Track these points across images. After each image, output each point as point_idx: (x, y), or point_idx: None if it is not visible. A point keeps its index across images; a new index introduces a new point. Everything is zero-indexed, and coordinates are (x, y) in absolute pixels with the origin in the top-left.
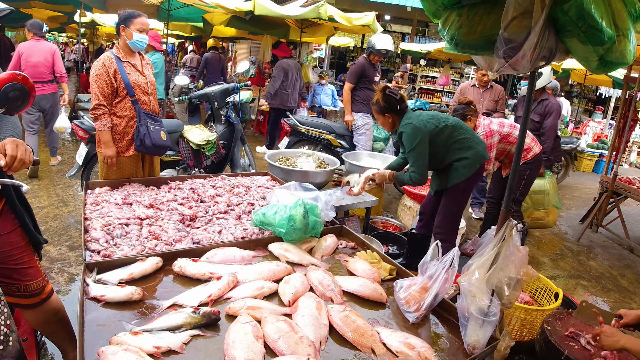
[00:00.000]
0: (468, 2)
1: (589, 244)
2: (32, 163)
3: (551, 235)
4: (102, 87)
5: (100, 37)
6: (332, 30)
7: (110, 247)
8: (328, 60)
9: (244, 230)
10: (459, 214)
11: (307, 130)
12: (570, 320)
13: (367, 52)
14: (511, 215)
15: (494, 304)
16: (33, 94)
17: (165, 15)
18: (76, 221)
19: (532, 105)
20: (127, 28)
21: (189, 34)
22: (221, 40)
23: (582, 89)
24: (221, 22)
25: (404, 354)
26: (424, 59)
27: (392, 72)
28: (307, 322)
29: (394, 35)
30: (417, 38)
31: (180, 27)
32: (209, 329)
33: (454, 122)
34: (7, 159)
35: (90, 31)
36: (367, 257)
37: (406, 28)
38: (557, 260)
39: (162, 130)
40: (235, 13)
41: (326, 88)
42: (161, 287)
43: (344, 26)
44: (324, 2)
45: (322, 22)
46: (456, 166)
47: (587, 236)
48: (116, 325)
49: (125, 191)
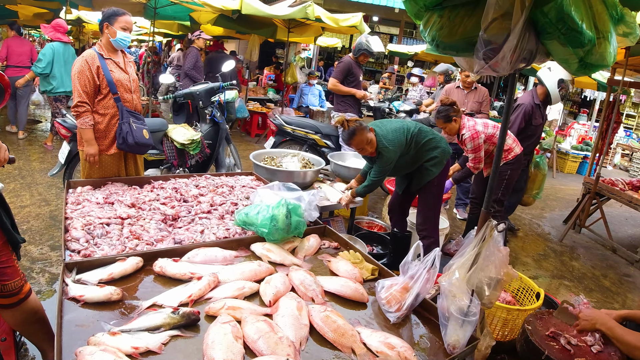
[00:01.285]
0: (449, 3)
1: (572, 245)
2: (7, 161)
3: (534, 236)
4: (85, 84)
5: (86, 35)
6: (320, 30)
7: (90, 247)
8: (316, 61)
9: (227, 230)
10: (438, 208)
11: (293, 130)
12: (551, 320)
13: (355, 53)
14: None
15: (474, 304)
16: (9, 91)
17: (151, 13)
18: (58, 220)
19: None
20: (111, 26)
21: (176, 32)
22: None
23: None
24: (208, 21)
25: (383, 353)
26: (411, 61)
27: (380, 73)
28: (288, 322)
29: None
30: (404, 39)
31: (167, 25)
32: (188, 330)
33: (416, 128)
34: None
35: (76, 28)
36: (350, 257)
37: (394, 29)
38: (540, 261)
39: (145, 129)
40: (222, 12)
41: (313, 88)
42: (141, 287)
43: (332, 27)
44: (311, 2)
45: (309, 23)
46: (427, 166)
47: (570, 237)
48: (95, 326)
49: (107, 190)
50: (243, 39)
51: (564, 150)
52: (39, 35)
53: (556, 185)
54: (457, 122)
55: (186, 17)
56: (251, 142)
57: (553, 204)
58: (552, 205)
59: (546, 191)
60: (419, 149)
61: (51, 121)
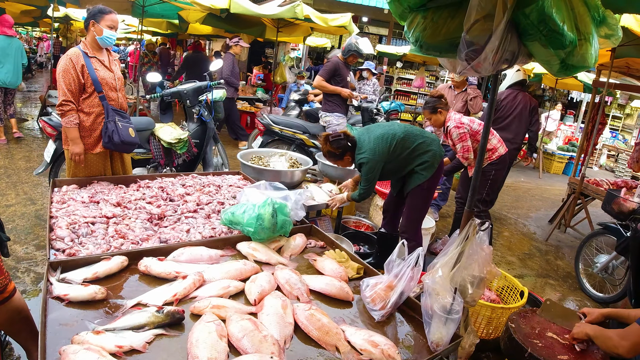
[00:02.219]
0: (433, 5)
1: (557, 244)
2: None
3: (520, 235)
4: (69, 82)
5: (74, 33)
6: (309, 30)
7: (75, 246)
8: (305, 60)
9: (213, 229)
10: (424, 212)
11: (281, 130)
12: (534, 318)
13: (345, 53)
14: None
15: (457, 302)
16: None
17: (139, 11)
18: (43, 219)
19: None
20: (97, 24)
21: (164, 31)
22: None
23: (554, 93)
24: (197, 20)
25: (367, 351)
26: (400, 61)
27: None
28: (272, 320)
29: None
30: (393, 40)
31: (155, 23)
32: (173, 328)
33: (402, 132)
34: None
35: (63, 26)
36: (336, 256)
37: (383, 30)
38: (525, 260)
39: (131, 127)
40: (211, 10)
41: (302, 88)
42: (126, 286)
43: (321, 27)
44: (300, 2)
45: (298, 22)
46: (417, 170)
47: (555, 236)
48: (79, 325)
49: (92, 189)
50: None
51: (550, 151)
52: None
53: (542, 185)
54: (443, 114)
55: (175, 16)
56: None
57: (539, 204)
58: (538, 205)
59: (532, 191)
60: (408, 154)
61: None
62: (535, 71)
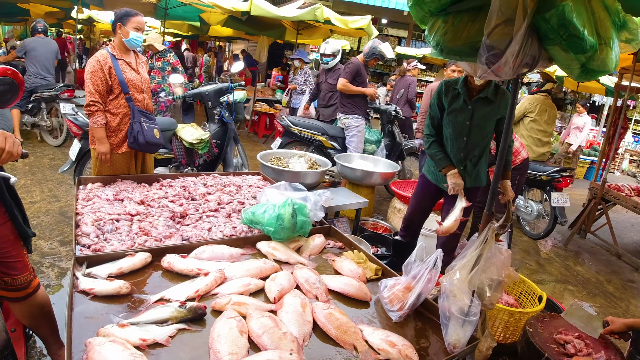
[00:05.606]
0: (454, 9)
1: (577, 250)
2: (20, 156)
3: (539, 240)
4: (97, 84)
5: (96, 34)
6: (328, 32)
7: (100, 242)
8: None
9: (233, 228)
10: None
11: (300, 131)
12: (552, 323)
13: (368, 56)
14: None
15: (475, 304)
16: (22, 88)
17: (162, 14)
18: (67, 216)
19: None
20: (124, 26)
21: (185, 33)
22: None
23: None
24: (218, 22)
25: (385, 351)
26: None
27: (388, 76)
28: (291, 318)
29: (390, 39)
30: (413, 42)
31: (177, 25)
32: (195, 324)
33: None
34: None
35: (87, 27)
36: (354, 257)
37: (402, 32)
38: (544, 265)
39: (156, 128)
40: (232, 13)
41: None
42: (149, 282)
43: (340, 29)
44: (320, 4)
45: (318, 25)
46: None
47: (576, 242)
48: (104, 318)
49: (117, 187)
50: (252, 40)
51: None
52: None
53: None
54: None
55: (196, 18)
56: (258, 143)
57: None
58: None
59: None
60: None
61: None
62: (557, 74)
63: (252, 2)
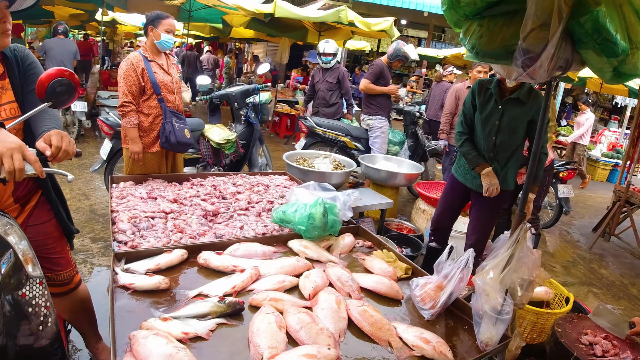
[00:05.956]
0: (488, 13)
1: (601, 253)
2: (74, 155)
3: (564, 243)
4: (130, 85)
5: (119, 36)
6: (350, 34)
7: (136, 239)
8: (344, 64)
9: (265, 226)
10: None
11: (324, 132)
12: (580, 323)
13: (392, 57)
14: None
15: (508, 302)
16: (78, 90)
17: (186, 16)
18: (98, 214)
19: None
20: (155, 29)
21: (207, 35)
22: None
23: (598, 97)
24: (241, 24)
25: (419, 347)
26: (439, 64)
27: (407, 77)
28: (327, 314)
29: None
30: (433, 43)
31: (199, 27)
32: (233, 318)
33: None
34: (53, 150)
35: (110, 29)
36: (384, 256)
37: (422, 33)
38: (569, 268)
39: (186, 128)
40: (255, 15)
41: None
42: (186, 278)
43: (362, 30)
44: (345, 6)
45: (340, 26)
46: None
47: (600, 245)
48: (144, 312)
49: (149, 186)
50: (272, 41)
51: (594, 157)
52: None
53: (585, 192)
54: None
55: (219, 20)
56: (280, 143)
57: (582, 211)
58: (582, 212)
59: (576, 198)
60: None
61: None
62: (580, 75)
63: (276, 3)
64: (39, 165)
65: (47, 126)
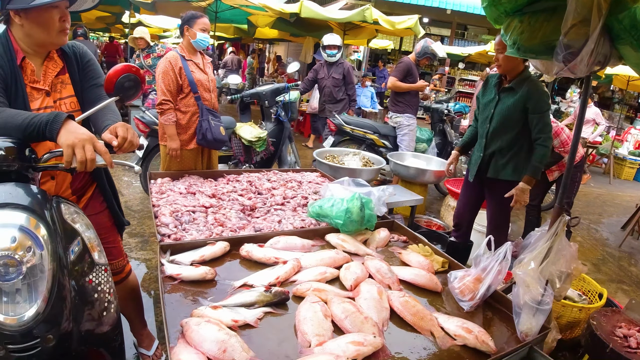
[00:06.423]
0: (529, 10)
1: (630, 251)
2: (137, 146)
3: (592, 241)
4: (168, 83)
5: None
6: (374, 32)
7: (179, 232)
8: (366, 62)
9: (302, 221)
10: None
11: (352, 130)
12: (614, 317)
13: (420, 55)
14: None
15: (548, 293)
16: (143, 85)
17: (212, 17)
18: (133, 210)
19: None
20: (191, 28)
21: (231, 36)
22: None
23: (623, 95)
24: (266, 24)
25: (462, 337)
26: (462, 62)
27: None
28: (370, 304)
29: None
30: (455, 41)
31: (223, 28)
32: (278, 308)
33: None
34: (119, 140)
35: None
36: (420, 250)
37: (445, 31)
38: (598, 265)
39: (221, 126)
40: (281, 15)
41: (366, 90)
42: (229, 269)
43: (386, 29)
44: (370, 5)
45: (364, 25)
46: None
47: (629, 243)
48: (193, 301)
49: (187, 182)
50: (294, 41)
51: (621, 155)
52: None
53: (613, 191)
54: None
55: (244, 21)
56: (302, 142)
57: (610, 209)
58: (610, 211)
59: (603, 197)
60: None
61: None
62: (606, 72)
63: (302, 4)
64: (109, 157)
65: (110, 120)
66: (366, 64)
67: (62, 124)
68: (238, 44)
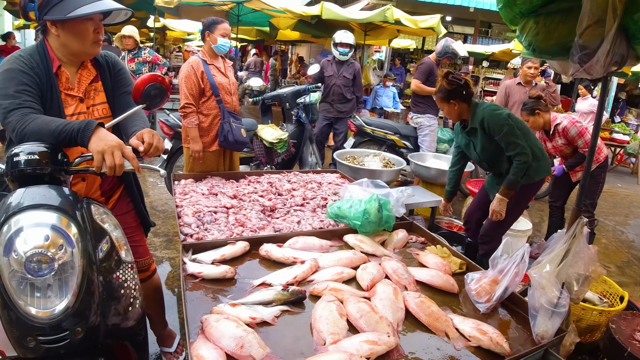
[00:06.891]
0: (544, 11)
1: None
2: (163, 151)
3: (618, 243)
4: (191, 87)
5: (168, 41)
6: (395, 32)
7: (201, 232)
8: (388, 62)
9: (321, 221)
10: (513, 220)
11: (373, 131)
12: (635, 321)
13: (441, 55)
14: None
15: (564, 296)
16: (169, 93)
17: (234, 20)
18: (158, 210)
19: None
20: (212, 34)
21: (253, 38)
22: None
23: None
24: (287, 26)
25: (476, 338)
26: (486, 61)
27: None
28: (385, 304)
29: (456, 36)
30: (479, 39)
31: (246, 31)
32: (295, 306)
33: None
34: (145, 146)
35: (160, 35)
36: (437, 251)
37: (468, 29)
38: (623, 268)
39: (243, 128)
40: (302, 17)
41: (388, 90)
42: (248, 268)
43: (408, 28)
44: (390, 5)
45: (385, 25)
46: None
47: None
48: (213, 299)
49: (209, 183)
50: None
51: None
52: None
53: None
54: (542, 116)
55: (265, 23)
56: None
57: (638, 211)
58: (637, 212)
59: (630, 198)
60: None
61: None
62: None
63: (323, 5)
64: (136, 162)
65: (137, 126)
66: (388, 63)
67: (93, 132)
68: (261, 45)
